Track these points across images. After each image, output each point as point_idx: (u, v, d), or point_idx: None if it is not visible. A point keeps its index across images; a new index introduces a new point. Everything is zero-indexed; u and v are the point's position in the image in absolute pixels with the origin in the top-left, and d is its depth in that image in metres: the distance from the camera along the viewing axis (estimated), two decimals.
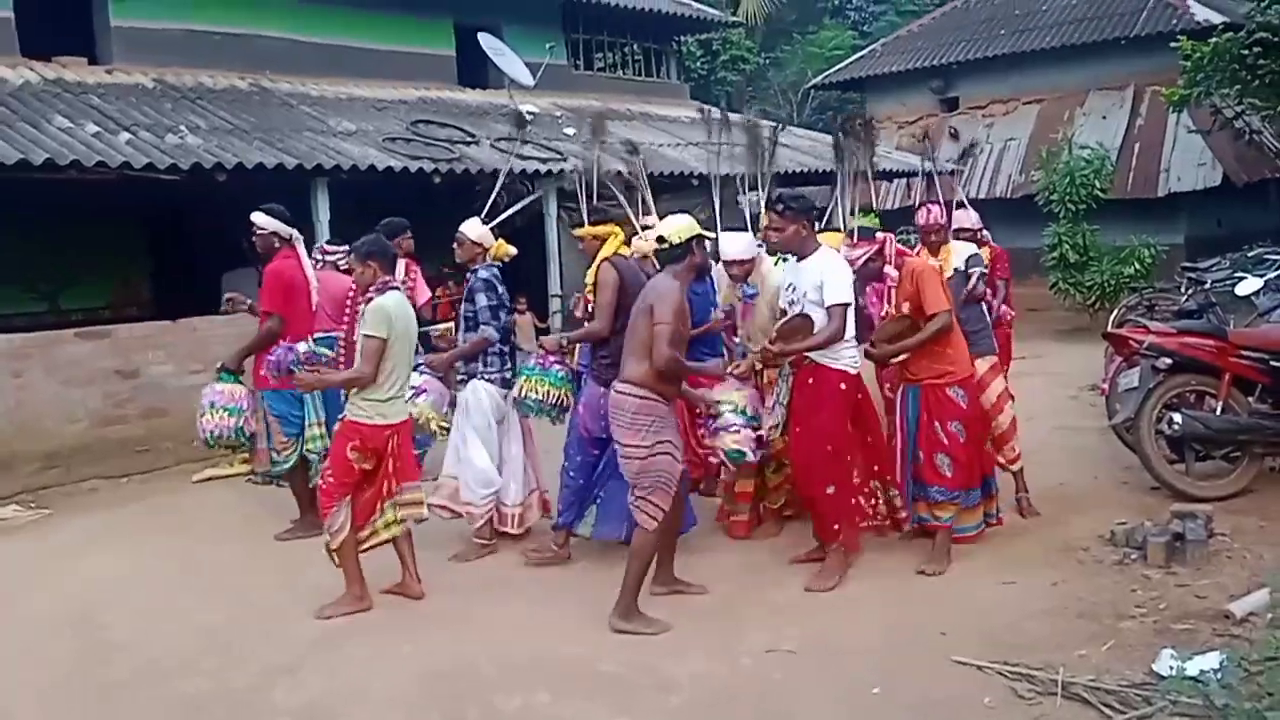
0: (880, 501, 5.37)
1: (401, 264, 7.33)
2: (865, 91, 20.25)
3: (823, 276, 4.80)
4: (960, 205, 6.58)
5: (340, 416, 4.98)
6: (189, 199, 9.40)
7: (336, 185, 9.11)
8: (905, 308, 5.10)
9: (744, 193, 6.26)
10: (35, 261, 10.29)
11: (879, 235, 5.29)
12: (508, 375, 5.63)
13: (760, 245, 5.59)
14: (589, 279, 5.63)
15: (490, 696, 3.98)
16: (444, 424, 5.68)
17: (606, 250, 5.57)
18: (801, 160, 13.17)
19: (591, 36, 15.07)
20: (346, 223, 8.87)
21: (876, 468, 5.31)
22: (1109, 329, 7.71)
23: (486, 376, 5.56)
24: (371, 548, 5.00)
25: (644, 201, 6.10)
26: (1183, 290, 10.12)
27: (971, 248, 5.97)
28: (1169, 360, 6.07)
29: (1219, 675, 3.59)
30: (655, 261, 5.55)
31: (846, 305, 4.81)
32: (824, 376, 4.89)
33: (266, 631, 4.69)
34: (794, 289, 4.97)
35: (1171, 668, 3.75)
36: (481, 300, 5.52)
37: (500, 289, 5.61)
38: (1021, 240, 15.07)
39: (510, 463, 5.65)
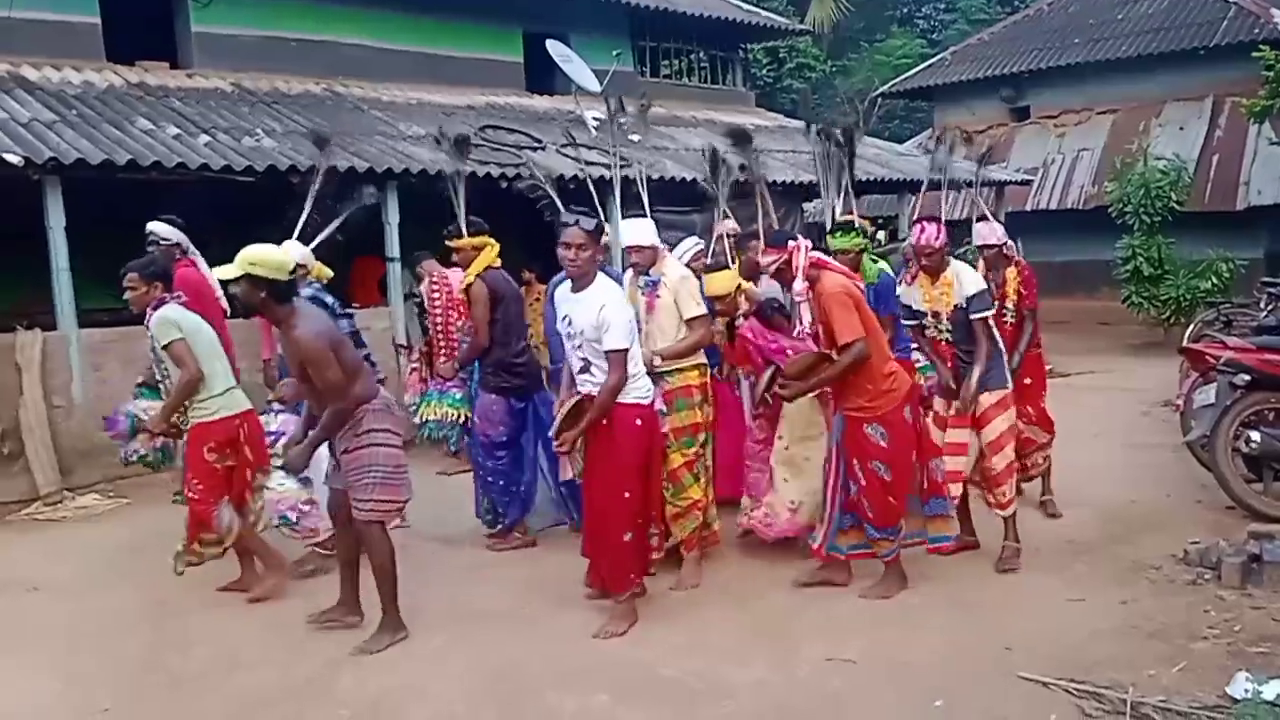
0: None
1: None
2: (933, 100, 20.05)
3: (602, 316, 4.38)
4: (982, 218, 6.03)
5: (188, 424, 4.97)
6: (262, 201, 9.62)
7: (405, 188, 9.25)
8: (819, 330, 4.77)
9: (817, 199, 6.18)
10: (117, 259, 10.59)
11: (791, 243, 4.82)
12: None
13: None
14: (460, 292, 5.76)
15: (549, 697, 4.01)
16: None
17: (480, 263, 5.67)
18: (868, 169, 13.06)
19: (658, 44, 15.11)
20: (415, 226, 9.02)
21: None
22: (1185, 344, 7.53)
23: None
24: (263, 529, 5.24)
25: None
26: (1262, 306, 9.84)
27: (978, 279, 5.18)
28: (1247, 376, 5.93)
29: None
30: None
31: (625, 351, 4.41)
32: (618, 415, 4.51)
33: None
34: (569, 322, 4.56)
35: (1246, 691, 3.66)
36: None
37: (329, 302, 5.53)
38: (1093, 252, 14.86)
39: None
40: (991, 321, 5.14)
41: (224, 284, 4.45)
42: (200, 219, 6.20)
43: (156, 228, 6.02)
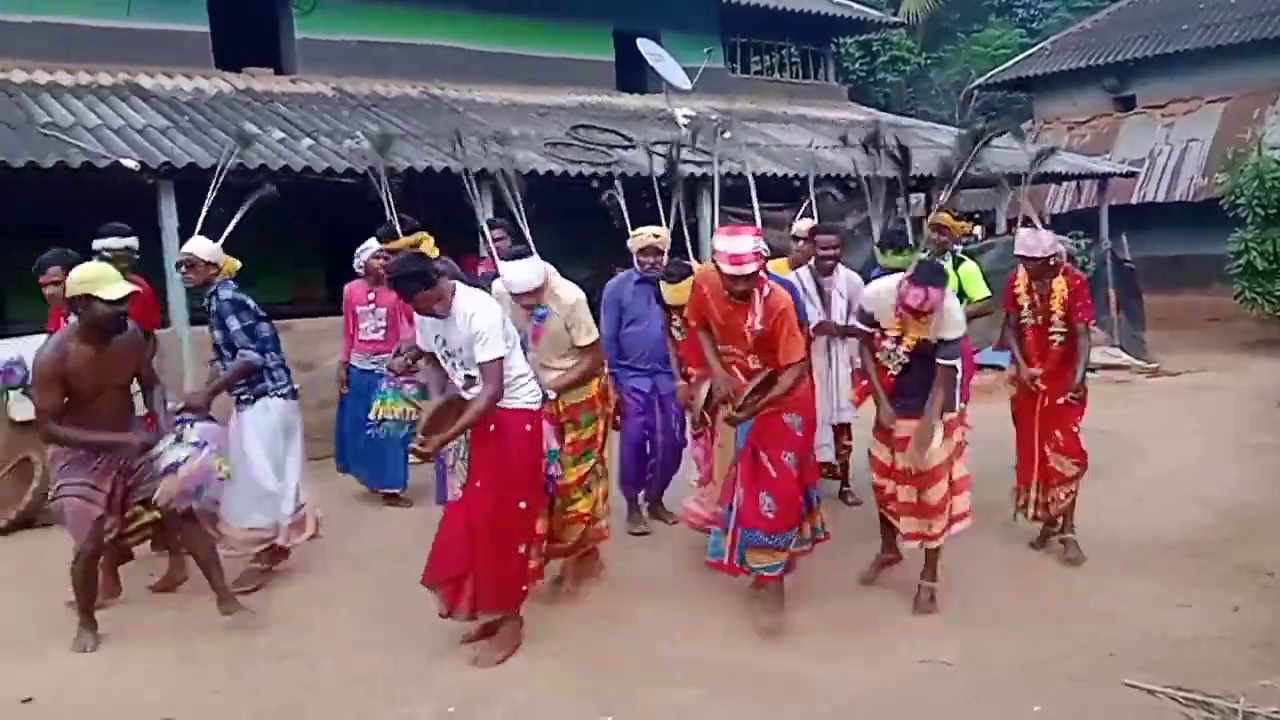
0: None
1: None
2: (1032, 91, 19.53)
3: (471, 329, 4.19)
4: (1027, 223, 5.21)
5: None
6: (361, 201, 9.89)
7: (498, 189, 9.38)
8: (750, 334, 4.49)
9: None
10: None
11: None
12: (295, 386, 5.43)
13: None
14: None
15: (639, 690, 4.04)
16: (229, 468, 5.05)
17: None
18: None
19: (749, 39, 15.05)
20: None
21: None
22: None
23: (277, 394, 5.28)
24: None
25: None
26: None
27: (960, 323, 4.67)
28: None
29: None
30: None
31: (499, 360, 4.20)
32: (506, 421, 4.29)
33: (431, 615, 4.86)
34: (444, 343, 4.36)
35: None
36: (234, 323, 5.16)
37: (250, 304, 5.23)
38: (1204, 246, 14.31)
39: (286, 479, 5.37)
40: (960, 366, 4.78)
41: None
42: (299, 219, 6.35)
43: (111, 243, 5.67)
